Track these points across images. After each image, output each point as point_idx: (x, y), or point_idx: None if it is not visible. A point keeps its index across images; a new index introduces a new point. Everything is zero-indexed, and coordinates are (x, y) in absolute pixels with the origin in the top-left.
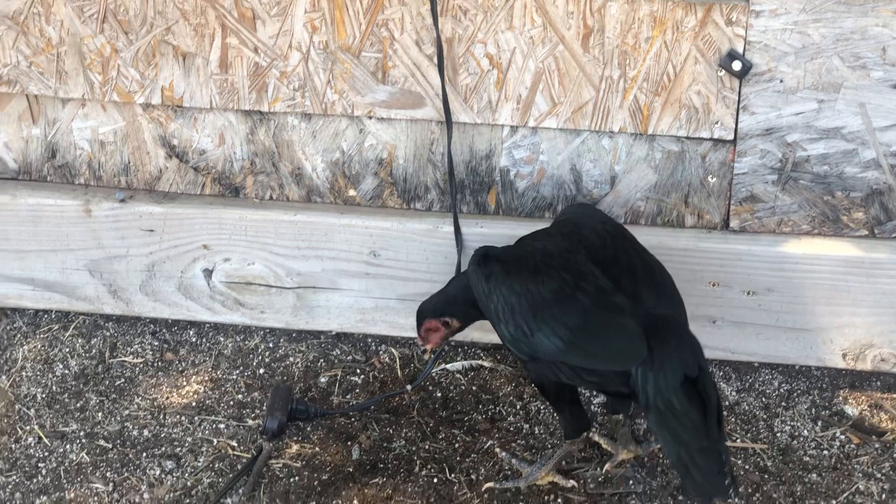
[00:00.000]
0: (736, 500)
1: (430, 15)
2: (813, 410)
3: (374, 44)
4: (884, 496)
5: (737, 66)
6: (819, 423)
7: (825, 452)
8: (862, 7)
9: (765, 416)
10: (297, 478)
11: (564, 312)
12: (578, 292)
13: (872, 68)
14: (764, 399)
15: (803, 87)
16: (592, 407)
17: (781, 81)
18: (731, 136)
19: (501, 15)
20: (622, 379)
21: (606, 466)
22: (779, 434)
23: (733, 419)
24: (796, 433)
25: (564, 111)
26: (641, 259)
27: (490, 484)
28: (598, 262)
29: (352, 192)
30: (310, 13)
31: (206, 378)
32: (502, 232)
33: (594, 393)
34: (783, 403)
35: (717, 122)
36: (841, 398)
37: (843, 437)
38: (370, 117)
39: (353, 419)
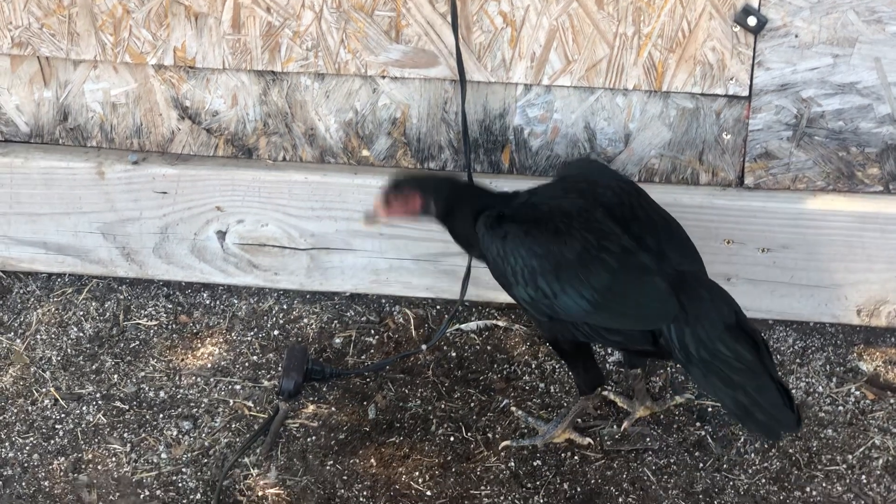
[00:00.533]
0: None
1: None
2: (828, 367)
3: (388, 2)
4: None
5: (752, 21)
6: (834, 380)
7: (840, 408)
8: None
9: (780, 373)
10: (314, 437)
11: (591, 274)
12: (603, 253)
13: (888, 22)
14: (779, 356)
15: (818, 42)
16: (608, 365)
17: (797, 36)
18: (745, 93)
19: None
20: (647, 337)
21: (625, 424)
22: (794, 391)
23: None
24: (811, 389)
25: (578, 69)
26: (660, 216)
27: (507, 442)
28: (617, 221)
29: (365, 153)
30: None
31: (221, 340)
32: (516, 190)
33: (610, 350)
34: (798, 360)
35: (731, 79)
36: (855, 354)
37: (857, 392)
38: (383, 77)
39: (368, 379)
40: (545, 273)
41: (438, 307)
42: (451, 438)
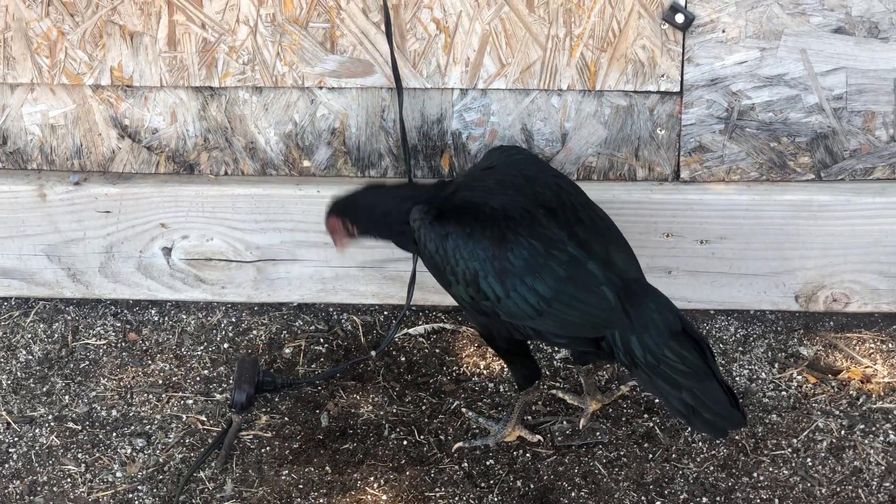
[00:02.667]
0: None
1: None
2: (769, 353)
3: (322, 14)
4: (843, 432)
5: (679, 18)
6: (776, 366)
7: (783, 393)
8: None
9: (723, 362)
10: (268, 448)
11: (538, 281)
12: (551, 261)
13: (812, 14)
14: (721, 345)
15: (745, 37)
16: (555, 362)
17: (724, 32)
18: (677, 88)
19: None
20: (590, 341)
21: (581, 421)
22: (737, 378)
23: None
24: (754, 376)
25: (513, 72)
26: (601, 218)
27: (459, 444)
28: (561, 224)
29: (306, 163)
30: None
31: (171, 356)
32: (442, 179)
33: (556, 349)
34: (740, 348)
35: (663, 75)
36: (796, 340)
37: (800, 377)
38: (321, 87)
39: (319, 388)
40: (488, 276)
41: (386, 313)
42: (405, 442)
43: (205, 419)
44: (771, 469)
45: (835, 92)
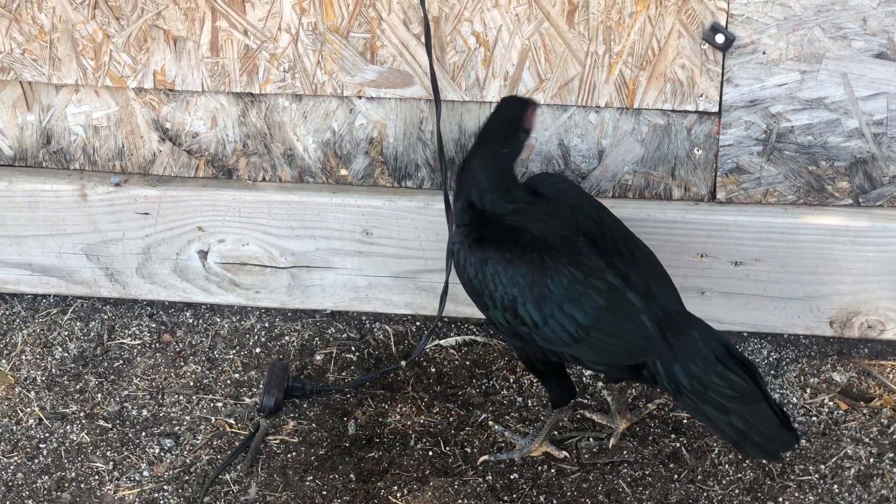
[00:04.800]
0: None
1: None
2: (801, 378)
3: (363, 24)
4: (871, 460)
5: (720, 38)
6: (808, 391)
7: (814, 419)
8: None
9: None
10: (294, 453)
11: (577, 309)
12: (590, 289)
13: (853, 38)
14: None
15: (786, 59)
16: (584, 378)
17: (764, 53)
18: (715, 109)
19: None
20: (630, 368)
21: (612, 441)
22: None
23: None
24: (785, 401)
25: (551, 87)
26: (641, 251)
27: (485, 457)
28: (601, 254)
29: (343, 172)
30: None
31: (204, 358)
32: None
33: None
34: (772, 372)
35: (701, 95)
36: (829, 365)
37: (831, 403)
38: (360, 97)
39: (348, 395)
40: (527, 303)
41: (418, 323)
42: (430, 453)
43: (233, 422)
44: (797, 495)
45: (875, 117)
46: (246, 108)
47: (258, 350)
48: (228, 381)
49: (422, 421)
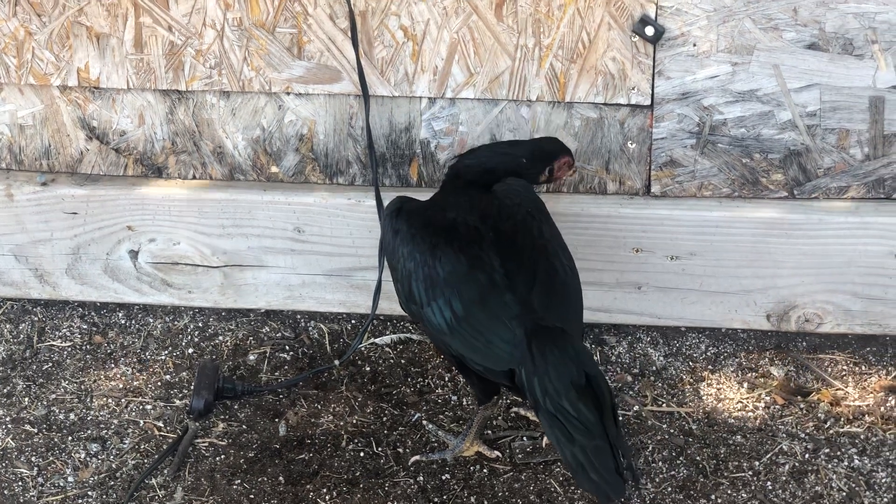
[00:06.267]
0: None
1: None
2: (739, 373)
3: (289, 19)
4: (807, 456)
5: (650, 31)
6: (745, 385)
7: (750, 414)
8: None
9: (691, 380)
10: (222, 456)
11: (455, 297)
12: (470, 282)
13: (785, 29)
14: (691, 363)
15: (717, 51)
16: None
17: (695, 45)
18: (647, 102)
19: None
20: (506, 373)
21: (546, 441)
22: (705, 397)
23: (660, 384)
24: (722, 395)
25: (481, 81)
26: (549, 261)
27: (417, 457)
28: (501, 253)
29: (274, 169)
30: None
31: (135, 359)
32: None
33: None
34: (710, 367)
35: (633, 88)
36: (767, 360)
37: (768, 398)
38: (288, 93)
39: (281, 396)
40: (418, 280)
41: (353, 322)
42: (362, 454)
43: (162, 425)
44: (730, 492)
45: (808, 109)
46: (173, 106)
47: (191, 350)
48: (159, 383)
49: (354, 421)
